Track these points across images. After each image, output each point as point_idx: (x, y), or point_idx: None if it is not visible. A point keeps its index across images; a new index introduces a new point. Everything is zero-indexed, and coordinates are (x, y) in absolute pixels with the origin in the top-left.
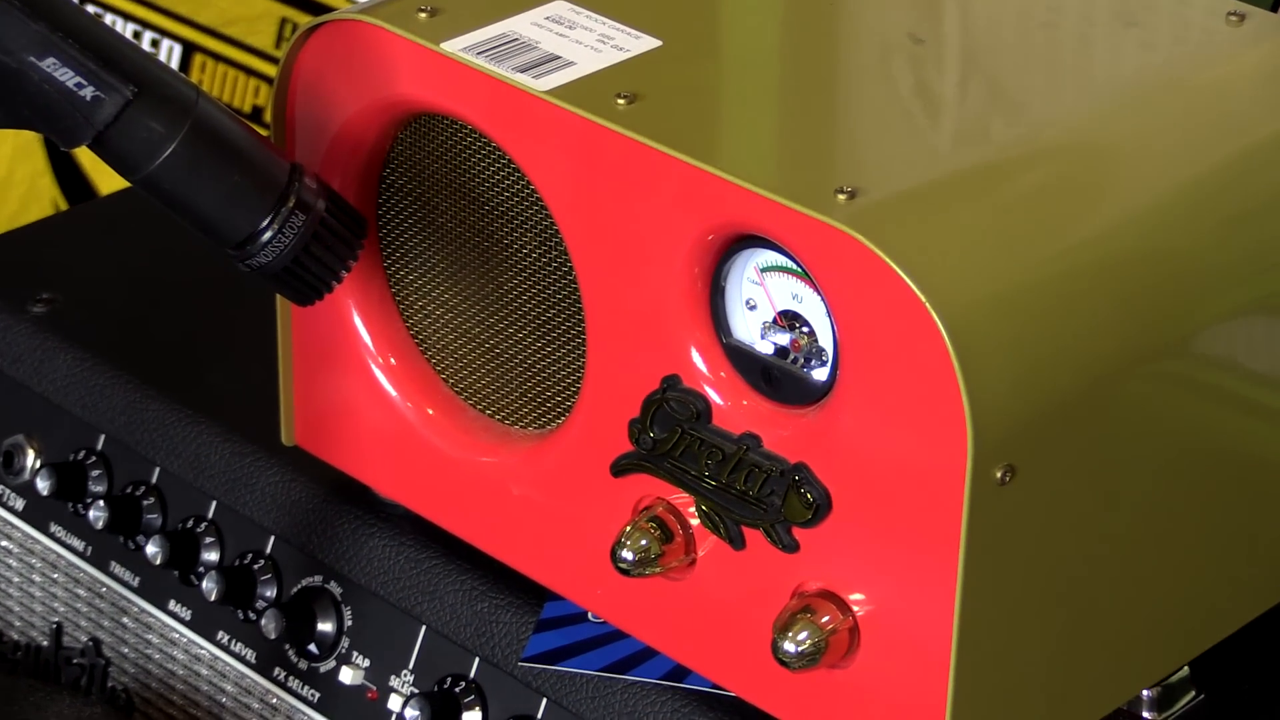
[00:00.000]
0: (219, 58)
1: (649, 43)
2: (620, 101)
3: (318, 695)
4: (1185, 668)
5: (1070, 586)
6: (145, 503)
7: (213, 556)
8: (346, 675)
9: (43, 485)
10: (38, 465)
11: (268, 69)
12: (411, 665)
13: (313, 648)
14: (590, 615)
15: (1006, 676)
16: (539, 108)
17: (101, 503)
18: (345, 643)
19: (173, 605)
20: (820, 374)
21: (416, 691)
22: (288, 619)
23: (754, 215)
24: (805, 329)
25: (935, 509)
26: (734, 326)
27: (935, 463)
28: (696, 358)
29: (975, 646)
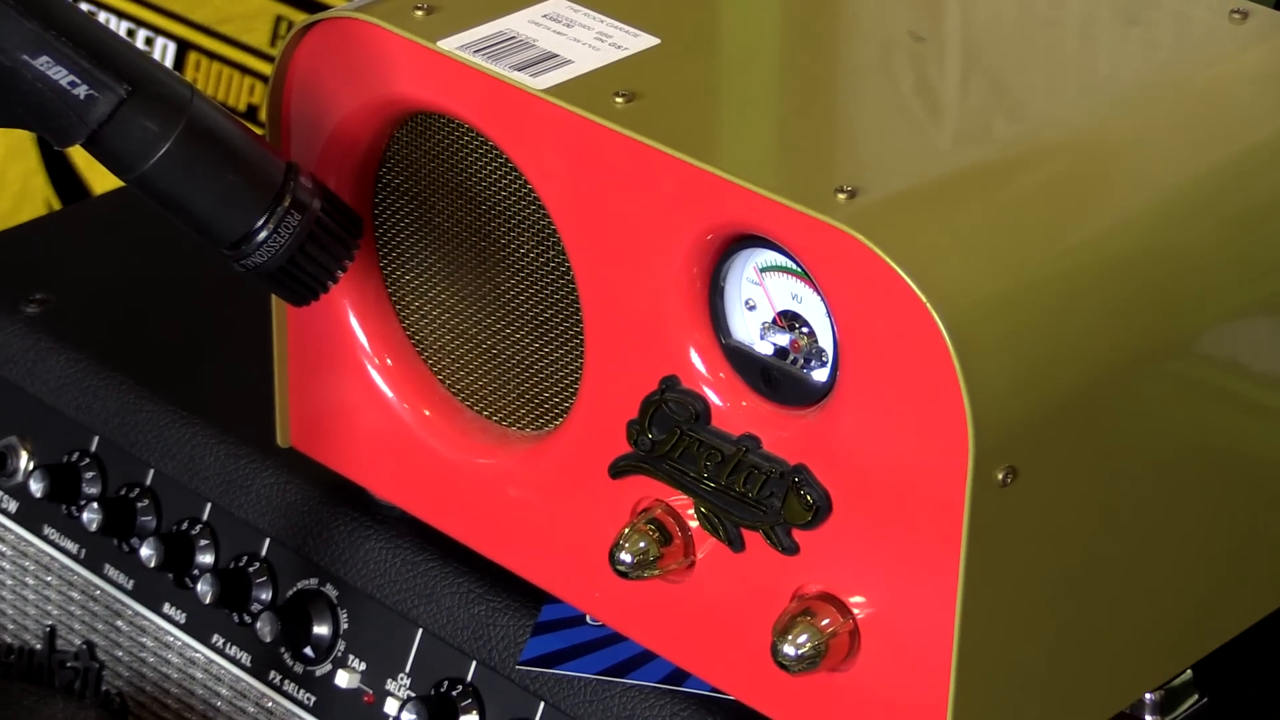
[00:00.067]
0: (214, 56)
1: (647, 41)
2: (618, 100)
3: (314, 699)
4: (1188, 671)
5: (1072, 589)
6: (139, 505)
7: (207, 559)
8: (342, 679)
9: (36, 487)
10: (31, 467)
11: (263, 67)
12: (408, 668)
13: (308, 651)
14: (588, 618)
15: (1008, 680)
16: (536, 106)
17: (95, 505)
18: (341, 646)
19: (167, 608)
20: (820, 375)
21: (413, 695)
22: (283, 622)
23: (753, 215)
24: (805, 329)
25: (936, 511)
26: (733, 327)
27: (936, 464)
28: (695, 358)
29: (976, 650)
